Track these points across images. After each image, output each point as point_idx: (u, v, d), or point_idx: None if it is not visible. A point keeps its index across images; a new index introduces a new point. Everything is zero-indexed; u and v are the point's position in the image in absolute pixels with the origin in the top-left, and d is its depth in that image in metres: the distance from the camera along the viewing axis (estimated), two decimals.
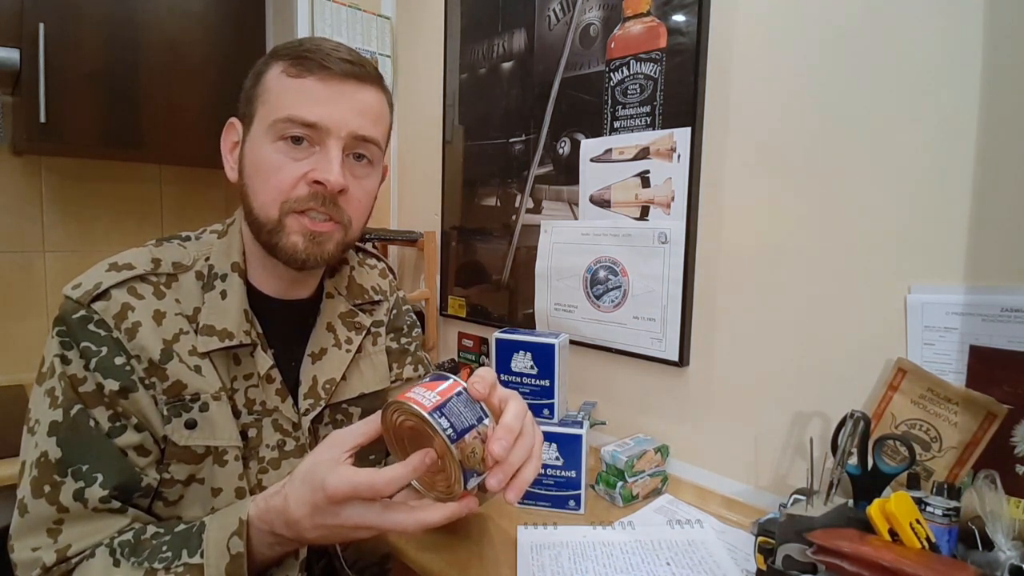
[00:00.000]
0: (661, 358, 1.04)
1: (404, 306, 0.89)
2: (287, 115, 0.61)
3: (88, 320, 0.59)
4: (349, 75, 0.63)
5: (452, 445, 0.48)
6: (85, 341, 0.58)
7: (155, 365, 0.60)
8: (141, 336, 0.60)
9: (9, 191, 1.49)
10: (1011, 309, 0.70)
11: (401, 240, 1.56)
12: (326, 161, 0.62)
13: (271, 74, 0.63)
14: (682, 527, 0.85)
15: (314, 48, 0.62)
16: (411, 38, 1.64)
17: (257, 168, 0.63)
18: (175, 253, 0.66)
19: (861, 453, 0.73)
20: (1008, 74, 0.70)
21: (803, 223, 0.88)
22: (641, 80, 1.05)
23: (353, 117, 0.63)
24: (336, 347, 0.74)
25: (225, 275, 0.66)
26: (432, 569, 0.76)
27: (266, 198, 0.63)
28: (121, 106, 1.37)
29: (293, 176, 0.62)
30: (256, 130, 0.64)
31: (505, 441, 0.50)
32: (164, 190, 1.75)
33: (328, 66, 0.62)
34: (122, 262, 0.62)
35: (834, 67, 0.83)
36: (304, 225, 0.63)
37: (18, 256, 1.53)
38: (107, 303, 0.59)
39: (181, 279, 0.65)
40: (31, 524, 0.56)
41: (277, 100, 0.62)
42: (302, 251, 0.63)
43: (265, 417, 0.67)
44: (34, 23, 1.22)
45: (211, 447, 0.62)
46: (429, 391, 0.50)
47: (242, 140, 0.66)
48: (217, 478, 0.63)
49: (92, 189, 1.61)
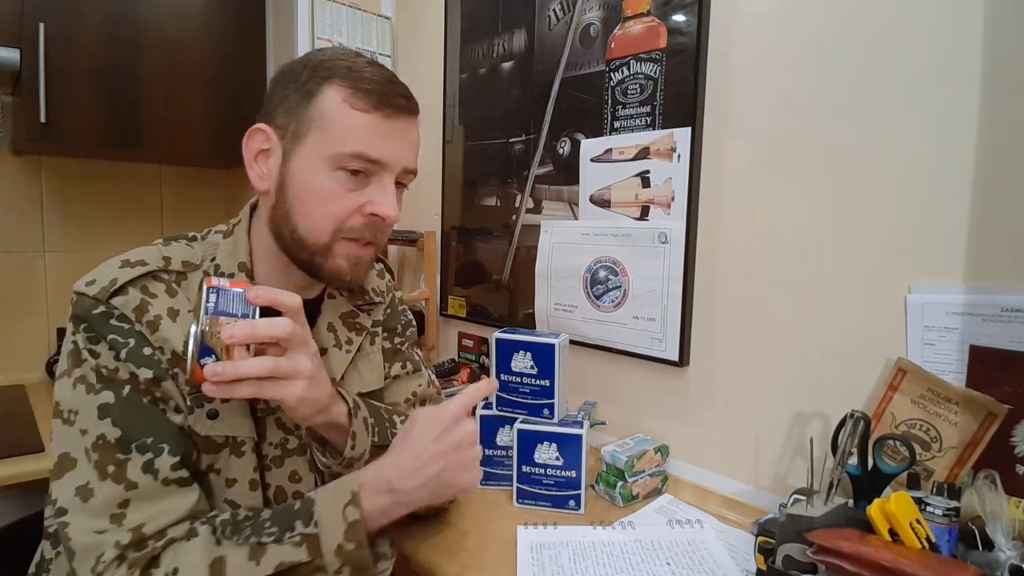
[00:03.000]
0: (661, 358, 1.04)
1: (400, 306, 0.90)
2: (354, 151, 0.62)
3: (109, 315, 0.59)
4: (405, 111, 0.66)
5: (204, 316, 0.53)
6: (111, 334, 0.58)
7: (178, 356, 0.60)
8: (163, 328, 0.60)
9: (9, 191, 1.49)
10: (1011, 309, 0.70)
11: (401, 240, 1.56)
12: (383, 195, 0.65)
13: (329, 99, 0.63)
14: (682, 527, 0.85)
15: (372, 78, 0.64)
16: (411, 38, 1.64)
17: (310, 193, 0.64)
18: (184, 252, 0.67)
19: (861, 453, 0.73)
20: (1009, 73, 0.70)
21: (803, 223, 0.88)
22: (641, 80, 1.05)
23: (407, 153, 0.67)
24: (336, 347, 0.75)
25: (232, 275, 0.67)
26: (432, 569, 0.76)
27: (321, 224, 0.64)
28: (121, 106, 1.37)
29: (350, 207, 0.64)
30: (311, 154, 0.64)
31: (238, 330, 0.53)
32: (164, 190, 1.75)
33: (389, 102, 0.64)
34: (134, 259, 0.63)
35: (834, 67, 0.83)
36: (351, 251, 0.66)
37: (18, 256, 1.53)
38: (125, 298, 0.60)
39: (191, 278, 0.65)
40: (95, 508, 0.55)
41: (342, 132, 0.62)
42: (347, 273, 0.67)
43: (269, 416, 0.68)
44: (34, 23, 1.22)
45: (230, 437, 0.64)
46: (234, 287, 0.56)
47: (283, 154, 0.65)
48: (232, 468, 0.64)
49: (92, 189, 1.62)
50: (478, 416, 0.97)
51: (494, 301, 1.39)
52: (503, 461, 0.97)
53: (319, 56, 0.66)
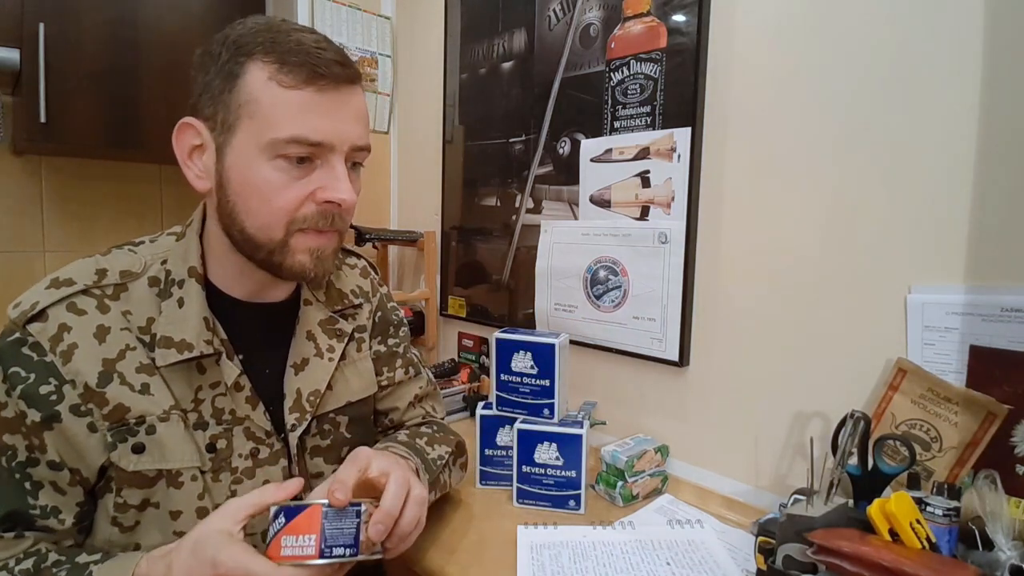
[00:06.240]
0: (661, 358, 1.04)
1: (389, 303, 0.87)
2: (290, 136, 0.57)
3: (23, 343, 0.57)
4: (342, 80, 0.59)
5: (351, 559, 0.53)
6: (14, 366, 0.56)
7: (92, 390, 0.57)
8: (77, 359, 0.57)
9: (9, 191, 1.49)
10: (1011, 309, 0.70)
11: (401, 240, 1.56)
12: (333, 179, 0.59)
13: (254, 79, 0.57)
14: (682, 527, 0.85)
15: (295, 45, 0.57)
16: (411, 38, 1.64)
17: (252, 188, 0.59)
18: (123, 261, 0.63)
19: (861, 453, 0.73)
20: (1009, 73, 0.70)
21: (803, 223, 0.88)
22: (641, 80, 1.05)
23: (352, 127, 0.60)
24: (318, 356, 0.72)
25: (182, 281, 0.63)
26: (432, 569, 0.76)
27: (269, 219, 0.59)
28: (121, 106, 1.37)
29: (299, 196, 0.59)
30: (244, 145, 0.58)
31: (383, 526, 0.56)
32: (164, 190, 1.74)
33: (322, 73, 0.57)
34: (63, 277, 0.60)
35: (834, 66, 0.83)
36: (310, 243, 0.62)
37: (18, 256, 1.52)
38: (44, 324, 0.57)
39: (131, 288, 0.61)
40: None
41: (272, 116, 0.56)
42: (311, 269, 0.62)
43: (236, 426, 0.64)
44: (34, 23, 1.22)
45: (163, 470, 0.60)
46: (301, 535, 0.53)
47: (216, 149, 0.60)
48: (174, 501, 0.61)
49: (92, 189, 1.61)
50: (479, 416, 0.97)
51: (494, 301, 1.39)
52: (503, 461, 0.97)
53: (239, 30, 0.59)
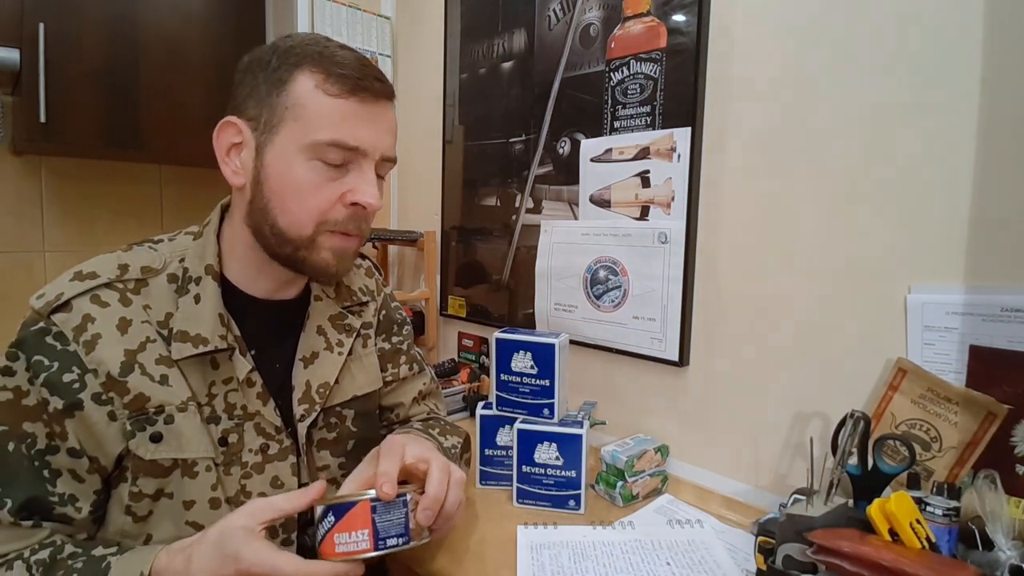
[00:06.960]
0: (661, 358, 1.04)
1: (392, 303, 0.89)
2: (331, 139, 0.60)
3: (47, 332, 0.58)
4: (381, 95, 0.64)
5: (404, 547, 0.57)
6: (38, 355, 0.58)
7: (113, 379, 0.59)
8: (100, 349, 0.59)
9: (9, 191, 1.49)
10: (1011, 309, 0.70)
11: (401, 240, 1.56)
12: (364, 184, 0.63)
13: (302, 86, 0.61)
14: (682, 527, 0.85)
15: (344, 62, 0.61)
16: (411, 38, 1.64)
17: (288, 185, 0.62)
18: (144, 257, 0.65)
19: (861, 453, 0.73)
20: (1009, 73, 0.70)
21: (803, 223, 0.88)
22: (641, 80, 1.05)
23: (385, 138, 0.65)
24: (328, 350, 0.74)
25: (199, 278, 0.65)
26: (432, 569, 0.76)
27: (302, 217, 0.63)
28: (121, 106, 1.37)
29: (331, 197, 0.63)
30: (286, 145, 0.61)
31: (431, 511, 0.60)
32: (164, 190, 1.74)
33: (365, 86, 0.62)
34: (87, 270, 0.62)
35: (834, 66, 0.83)
36: (336, 243, 0.65)
37: (18, 256, 1.52)
38: (67, 315, 0.59)
39: (151, 284, 0.64)
40: None
41: (316, 120, 0.60)
42: (333, 266, 0.66)
43: (247, 421, 0.66)
44: (34, 23, 1.22)
45: (179, 460, 0.61)
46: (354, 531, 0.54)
47: (257, 147, 0.63)
48: (188, 491, 0.62)
49: (92, 189, 1.61)
50: (478, 416, 0.97)
51: (494, 301, 1.39)
52: (503, 461, 0.97)
53: (288, 42, 0.63)
